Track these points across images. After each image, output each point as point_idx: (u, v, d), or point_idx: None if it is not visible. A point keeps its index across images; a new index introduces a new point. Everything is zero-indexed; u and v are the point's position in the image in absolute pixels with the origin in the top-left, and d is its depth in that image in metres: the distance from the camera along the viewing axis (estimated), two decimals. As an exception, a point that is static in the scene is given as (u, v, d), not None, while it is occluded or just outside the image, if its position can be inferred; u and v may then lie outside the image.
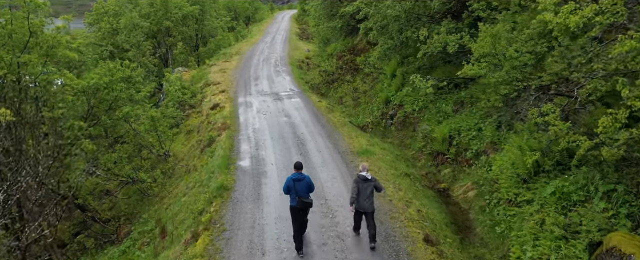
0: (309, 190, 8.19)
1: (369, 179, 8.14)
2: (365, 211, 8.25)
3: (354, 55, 25.66)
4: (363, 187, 8.09)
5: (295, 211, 8.22)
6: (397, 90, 18.27)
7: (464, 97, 15.00)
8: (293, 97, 22.23)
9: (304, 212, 8.36)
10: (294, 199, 8.11)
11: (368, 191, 8.11)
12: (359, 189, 8.09)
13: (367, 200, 8.13)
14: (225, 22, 51.38)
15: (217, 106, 21.40)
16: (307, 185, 8.13)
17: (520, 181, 9.45)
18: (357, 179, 8.20)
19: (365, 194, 8.09)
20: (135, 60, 25.95)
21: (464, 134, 13.34)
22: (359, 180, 8.14)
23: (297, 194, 8.03)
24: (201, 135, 18.37)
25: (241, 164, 13.53)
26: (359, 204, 8.19)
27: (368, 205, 8.17)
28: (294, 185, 8.03)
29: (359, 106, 21.20)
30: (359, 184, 8.13)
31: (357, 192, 8.11)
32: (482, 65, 11.24)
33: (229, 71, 29.42)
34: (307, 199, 8.13)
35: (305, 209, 8.27)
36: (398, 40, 17.18)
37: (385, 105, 18.60)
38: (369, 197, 8.15)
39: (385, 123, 17.94)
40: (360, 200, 8.14)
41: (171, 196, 15.01)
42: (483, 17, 14.89)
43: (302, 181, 8.06)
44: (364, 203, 8.14)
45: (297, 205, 8.09)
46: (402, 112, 17.19)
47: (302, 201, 8.04)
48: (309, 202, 8.16)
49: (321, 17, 31.77)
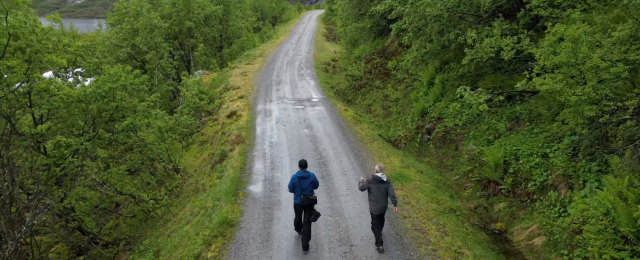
0: (313, 187, 8.19)
1: (385, 181, 7.75)
2: (379, 213, 7.90)
3: (385, 58, 23.11)
4: (377, 189, 7.71)
5: (299, 208, 8.32)
6: (436, 100, 15.63)
7: (520, 112, 12.27)
8: (317, 105, 19.95)
9: (308, 210, 8.25)
10: (299, 196, 8.11)
11: (382, 193, 7.75)
12: (372, 190, 7.75)
13: (381, 203, 7.78)
14: (251, 23, 49.75)
15: (234, 114, 19.40)
16: (312, 182, 8.14)
17: (620, 241, 6.78)
18: (371, 179, 7.83)
19: (379, 196, 7.73)
20: (153, 62, 24.36)
21: (524, 159, 10.66)
22: (374, 181, 7.76)
23: (302, 191, 8.05)
24: (214, 148, 16.37)
25: (252, 189, 11.35)
26: (373, 206, 7.84)
27: (382, 207, 7.82)
28: (299, 183, 8.05)
29: (390, 116, 18.66)
30: (372, 185, 7.76)
31: (370, 193, 7.80)
32: (557, 77, 8.57)
33: (251, 74, 27.47)
34: (312, 195, 8.11)
35: (310, 205, 8.21)
36: (438, 44, 14.56)
37: (421, 117, 16.00)
38: (383, 199, 7.80)
39: (421, 138, 15.36)
40: (374, 202, 7.79)
41: (175, 220, 13.02)
42: (544, 15, 12.15)
43: (308, 179, 8.09)
44: (378, 205, 7.78)
45: (301, 202, 8.11)
46: (442, 127, 14.56)
47: (307, 197, 8.04)
48: (314, 199, 8.11)
49: (349, 17, 29.32)
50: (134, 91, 13.20)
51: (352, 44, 30.06)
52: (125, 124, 12.13)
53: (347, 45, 31.19)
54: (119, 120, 13.05)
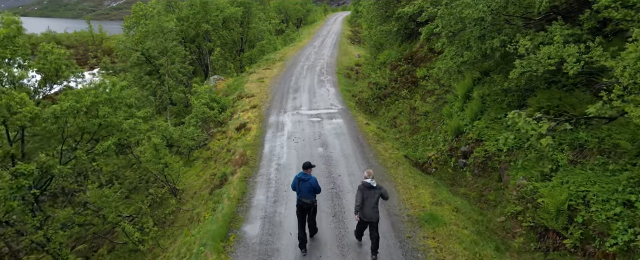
0: (312, 192, 7.94)
1: (374, 187, 7.60)
2: (369, 220, 7.65)
3: (413, 65, 20.53)
4: (367, 195, 7.57)
5: (298, 209, 8.09)
6: (474, 118, 13.01)
7: (585, 140, 9.55)
8: (335, 117, 17.67)
9: (308, 212, 8.09)
10: (298, 198, 7.98)
11: (373, 200, 7.56)
12: (363, 197, 7.57)
13: (372, 209, 7.57)
14: (274, 25, 47.94)
15: (243, 127, 17.39)
16: (310, 186, 7.89)
17: None
18: (361, 186, 7.66)
19: (370, 203, 7.55)
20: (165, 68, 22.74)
21: (597, 206, 7.99)
22: (364, 188, 7.61)
23: (301, 194, 7.90)
24: (216, 168, 14.37)
25: (247, 230, 9.19)
26: (363, 213, 7.62)
27: (373, 214, 7.60)
28: (299, 185, 7.92)
29: (417, 133, 16.11)
30: (363, 191, 7.60)
31: (361, 200, 7.58)
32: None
33: (268, 80, 25.48)
34: (308, 199, 7.93)
35: (308, 208, 8.04)
36: (478, 52, 11.96)
37: (455, 137, 13.41)
38: (375, 206, 7.59)
39: (455, 162, 12.79)
40: (364, 209, 7.58)
41: (164, 257, 11.06)
42: (616, 18, 9.41)
43: (307, 182, 7.89)
44: (368, 212, 7.58)
45: (299, 204, 7.97)
46: (481, 151, 11.95)
47: (302, 201, 7.90)
48: (309, 203, 7.93)
49: (374, 19, 26.83)
50: (122, 105, 11.31)
51: (376, 48, 27.56)
52: (106, 144, 10.22)
53: (372, 49, 28.72)
54: (103, 139, 11.18)
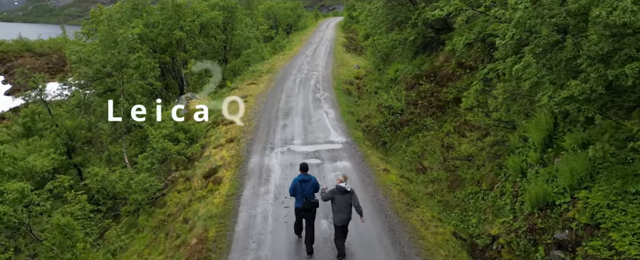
0: (314, 191, 7.73)
1: (348, 191, 7.23)
2: (342, 224, 7.25)
3: (437, 84, 15.42)
4: (340, 199, 7.17)
5: (299, 212, 7.82)
6: (578, 184, 7.75)
7: None
8: (339, 158, 12.51)
9: (309, 214, 7.69)
10: (300, 200, 7.65)
11: (346, 203, 7.18)
12: (335, 201, 7.17)
13: (345, 214, 7.20)
14: (262, 31, 42.61)
15: (213, 174, 12.07)
16: (313, 185, 7.68)
17: None
18: (335, 189, 7.27)
19: (343, 207, 7.16)
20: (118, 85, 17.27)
21: None
22: (337, 192, 7.20)
23: (304, 194, 7.60)
24: (165, 252, 9.02)
25: None
26: (337, 217, 7.22)
27: (346, 218, 7.24)
28: (301, 186, 7.62)
29: (461, 187, 10.87)
30: (336, 195, 7.20)
31: (333, 203, 7.21)
32: None
33: (252, 100, 20.16)
34: (313, 199, 7.66)
35: (311, 208, 7.68)
36: (597, 82, 6.75)
37: (540, 212, 8.20)
38: (347, 210, 7.21)
39: (545, 255, 7.61)
40: (338, 213, 7.18)
41: None
42: None
43: (309, 182, 7.64)
44: (342, 216, 7.20)
45: (303, 206, 7.64)
46: (603, 248, 6.78)
47: (309, 201, 7.60)
48: (315, 202, 7.66)
49: (379, 26, 21.69)
50: None
51: (382, 60, 22.43)
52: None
53: (376, 61, 23.59)
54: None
